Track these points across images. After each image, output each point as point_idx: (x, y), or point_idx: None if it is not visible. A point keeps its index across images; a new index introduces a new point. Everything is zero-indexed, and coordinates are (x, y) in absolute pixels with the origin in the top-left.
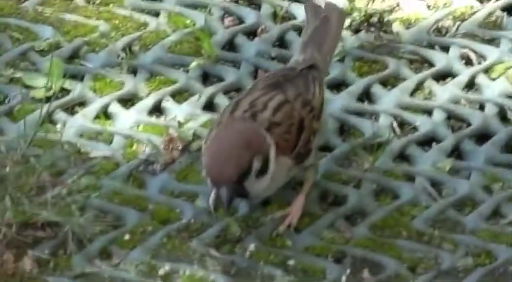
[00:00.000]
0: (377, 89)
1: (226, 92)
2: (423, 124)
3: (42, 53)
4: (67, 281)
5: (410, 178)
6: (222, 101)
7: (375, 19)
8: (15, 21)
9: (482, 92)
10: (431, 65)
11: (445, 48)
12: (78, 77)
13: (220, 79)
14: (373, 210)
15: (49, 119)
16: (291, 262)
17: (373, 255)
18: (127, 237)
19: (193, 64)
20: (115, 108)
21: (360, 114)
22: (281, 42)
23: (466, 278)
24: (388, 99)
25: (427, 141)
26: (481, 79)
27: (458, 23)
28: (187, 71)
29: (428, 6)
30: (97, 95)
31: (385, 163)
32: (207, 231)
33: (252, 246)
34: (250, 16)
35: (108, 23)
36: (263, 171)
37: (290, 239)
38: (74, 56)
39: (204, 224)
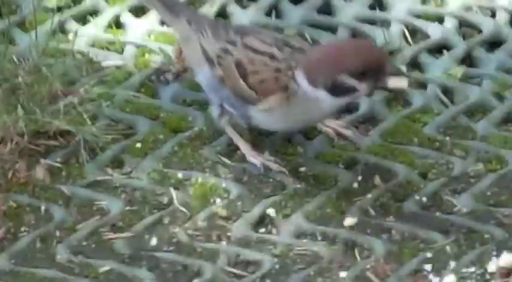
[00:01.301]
0: None
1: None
2: (435, 31)
3: None
4: (79, 189)
5: (421, 85)
6: (235, 9)
7: None
8: None
9: None
10: None
11: None
12: None
13: None
14: (385, 117)
15: (61, 28)
16: (303, 169)
17: (385, 161)
18: (139, 145)
19: None
20: (126, 17)
21: (371, 22)
22: None
23: (477, 184)
24: (399, 7)
25: (438, 49)
26: None
27: None
28: None
29: None
30: (109, 4)
31: None
32: (219, 139)
33: (265, 154)
34: None
35: None
36: None
37: (301, 146)
38: None
39: (216, 132)
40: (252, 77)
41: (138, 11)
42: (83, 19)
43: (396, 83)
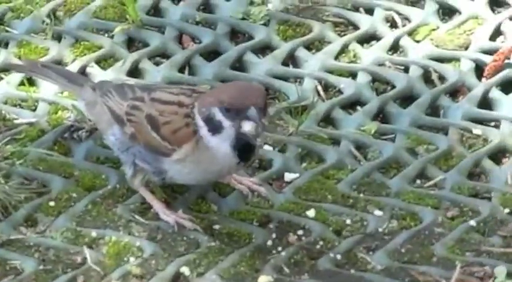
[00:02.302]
0: (302, 53)
1: (151, 57)
2: (348, 87)
3: None
4: None
5: (335, 141)
6: (147, 65)
7: None
8: None
9: (407, 54)
10: (356, 27)
11: (370, 11)
12: (2, 43)
13: (145, 44)
14: (298, 173)
15: None
16: (217, 227)
17: (299, 218)
18: (52, 204)
19: (118, 29)
20: None
21: (284, 78)
22: (206, 6)
23: (391, 241)
24: (312, 63)
25: (351, 104)
26: (405, 41)
27: None
28: (112, 37)
29: None
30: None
31: (310, 127)
32: (132, 197)
33: (178, 212)
34: None
35: None
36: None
37: (215, 203)
38: None
39: (129, 189)
40: (164, 128)
41: None
42: None
43: (248, 127)
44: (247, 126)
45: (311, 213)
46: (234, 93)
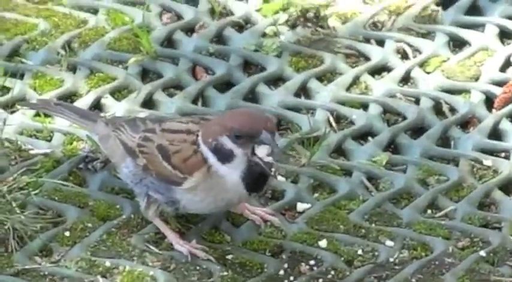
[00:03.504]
0: (314, 84)
1: (164, 88)
2: (359, 118)
3: None
4: (7, 278)
5: (347, 172)
6: (161, 97)
7: (311, 14)
8: None
9: (418, 85)
10: (367, 59)
11: (381, 43)
12: (18, 74)
13: (159, 75)
14: (311, 204)
15: None
16: (229, 257)
17: (311, 249)
18: (67, 234)
19: (132, 60)
20: None
21: (296, 109)
22: (219, 38)
23: (402, 271)
24: (324, 94)
25: (363, 135)
26: (416, 73)
27: (393, 17)
28: (126, 68)
29: (364, 1)
30: (37, 92)
31: (322, 158)
32: (147, 227)
33: (192, 242)
34: (188, 12)
35: (48, 21)
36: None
37: (229, 233)
38: (13, 54)
39: (144, 219)
40: (175, 157)
41: (66, 99)
42: (11, 107)
43: (264, 151)
44: (262, 151)
45: (323, 243)
46: (243, 119)
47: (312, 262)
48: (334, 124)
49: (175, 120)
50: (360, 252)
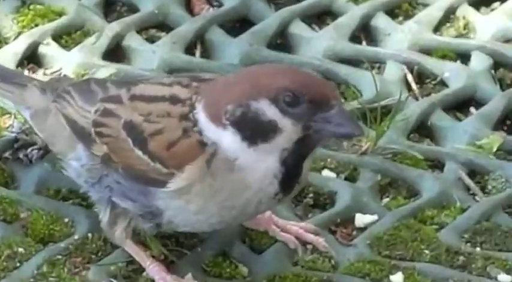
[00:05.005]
0: (381, 21)
1: (141, 29)
2: (455, 76)
3: None
4: None
5: (435, 164)
6: (135, 43)
7: None
8: None
9: None
10: None
11: None
12: None
13: (133, 8)
14: (377, 215)
15: None
16: None
17: None
18: None
19: None
20: None
21: (354, 62)
22: None
23: None
24: (399, 37)
25: (461, 104)
26: None
27: None
28: None
29: None
30: None
31: (395, 140)
32: (112, 253)
33: (186, 276)
34: None
35: None
36: None
37: (246, 263)
38: None
39: (107, 242)
40: (154, 141)
41: None
42: None
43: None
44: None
45: (397, 278)
46: (298, 77)
47: None
48: (414, 86)
49: (152, 82)
50: None
